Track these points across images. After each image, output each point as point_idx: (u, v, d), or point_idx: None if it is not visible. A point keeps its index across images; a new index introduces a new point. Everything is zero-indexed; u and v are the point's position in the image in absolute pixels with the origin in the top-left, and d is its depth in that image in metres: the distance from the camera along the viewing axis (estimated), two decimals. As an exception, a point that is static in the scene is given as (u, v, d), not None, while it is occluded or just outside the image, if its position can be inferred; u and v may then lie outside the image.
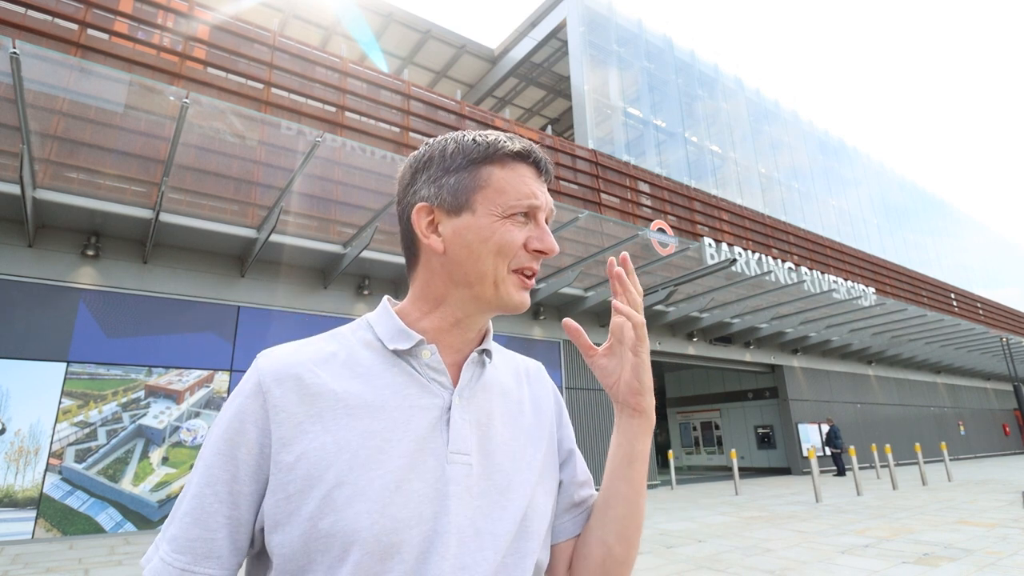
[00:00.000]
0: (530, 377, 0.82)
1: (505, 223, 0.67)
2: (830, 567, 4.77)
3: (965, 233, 32.26)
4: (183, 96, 6.21)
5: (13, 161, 6.61)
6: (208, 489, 0.59)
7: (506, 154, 0.69)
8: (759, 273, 13.57)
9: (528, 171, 0.70)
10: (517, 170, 0.69)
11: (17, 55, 5.04)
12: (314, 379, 0.63)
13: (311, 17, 15.96)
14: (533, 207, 0.68)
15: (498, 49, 18.13)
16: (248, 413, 0.61)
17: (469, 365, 0.70)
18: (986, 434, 25.12)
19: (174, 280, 8.03)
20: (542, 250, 0.68)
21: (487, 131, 0.72)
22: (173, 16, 9.01)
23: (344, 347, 0.68)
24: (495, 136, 0.70)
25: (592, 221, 12.27)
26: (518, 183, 0.68)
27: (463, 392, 0.68)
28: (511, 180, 0.68)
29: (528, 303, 0.69)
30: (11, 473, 6.49)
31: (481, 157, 0.69)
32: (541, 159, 0.71)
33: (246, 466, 0.60)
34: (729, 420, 19.55)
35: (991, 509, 7.93)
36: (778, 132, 21.07)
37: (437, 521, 0.59)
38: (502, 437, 0.69)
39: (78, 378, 7.09)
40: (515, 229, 0.67)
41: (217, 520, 0.59)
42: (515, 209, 0.67)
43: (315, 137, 7.05)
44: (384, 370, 0.66)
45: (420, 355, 0.67)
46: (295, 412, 0.61)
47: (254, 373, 0.64)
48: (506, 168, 0.69)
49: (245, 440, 0.60)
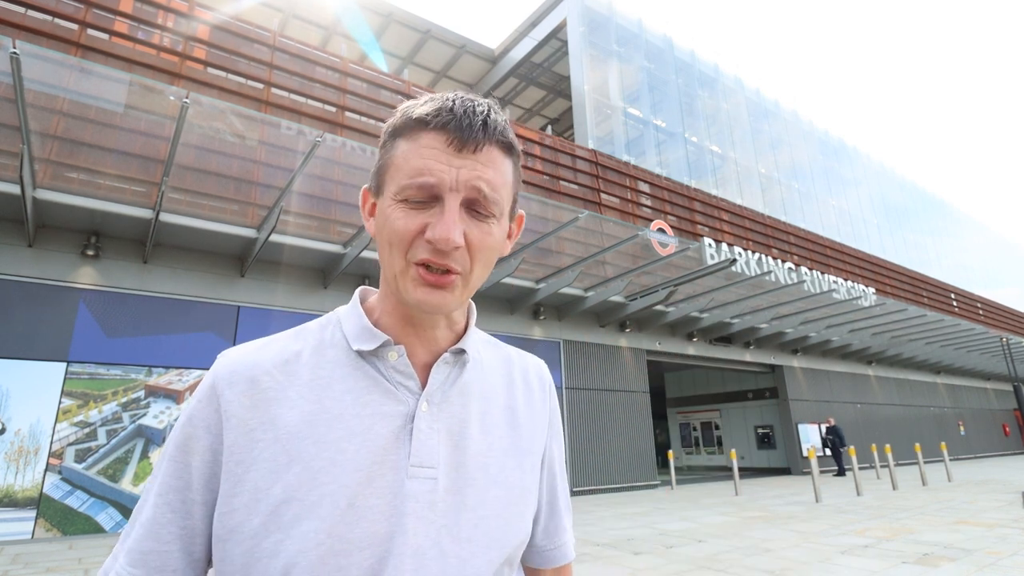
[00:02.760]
0: (527, 378, 0.73)
1: (397, 207, 0.57)
2: (830, 567, 4.77)
3: (965, 233, 32.26)
4: (183, 96, 6.20)
5: (13, 161, 6.61)
6: (161, 499, 0.56)
7: (408, 122, 0.58)
8: (759, 273, 13.57)
9: (432, 139, 0.56)
10: (419, 140, 0.57)
11: (17, 55, 5.04)
12: (270, 383, 0.58)
13: (311, 17, 15.96)
14: (426, 186, 0.55)
15: (498, 49, 18.13)
16: (201, 418, 0.57)
17: (441, 366, 0.62)
18: (986, 434, 25.12)
19: (174, 280, 8.03)
20: (431, 240, 0.55)
21: (425, 96, 0.60)
22: (173, 16, 9.00)
23: (309, 346, 0.62)
24: (410, 102, 0.60)
25: (592, 221, 12.28)
26: (413, 157, 0.56)
27: (433, 397, 0.60)
28: (408, 154, 0.57)
29: (435, 303, 0.57)
30: (11, 473, 6.49)
31: (392, 130, 0.59)
32: (450, 120, 0.56)
33: (199, 474, 0.56)
34: (729, 420, 19.55)
35: (991, 509, 7.93)
36: (778, 132, 21.07)
37: (392, 542, 0.53)
38: (478, 448, 0.62)
39: (78, 378, 7.09)
40: (407, 214, 0.56)
41: (170, 531, 0.55)
42: (406, 191, 0.56)
43: (315, 137, 7.05)
44: (347, 373, 0.59)
45: (386, 357, 0.60)
46: (247, 418, 0.56)
47: (210, 376, 0.60)
48: (410, 139, 0.58)
49: (198, 447, 0.56)
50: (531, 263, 10.97)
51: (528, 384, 0.72)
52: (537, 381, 0.74)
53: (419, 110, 0.58)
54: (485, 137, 0.57)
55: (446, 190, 0.55)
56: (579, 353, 12.17)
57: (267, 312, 8.67)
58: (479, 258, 0.58)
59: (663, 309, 12.89)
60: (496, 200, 0.58)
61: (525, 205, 11.49)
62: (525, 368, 0.74)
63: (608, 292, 11.38)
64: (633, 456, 12.32)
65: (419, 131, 0.57)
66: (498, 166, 0.59)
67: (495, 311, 11.22)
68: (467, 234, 0.56)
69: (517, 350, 0.76)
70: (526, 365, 0.74)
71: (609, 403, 12.30)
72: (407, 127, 0.58)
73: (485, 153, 0.57)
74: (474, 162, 0.56)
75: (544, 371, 0.76)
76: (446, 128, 0.56)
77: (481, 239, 0.57)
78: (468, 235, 0.57)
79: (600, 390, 12.24)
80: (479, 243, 0.57)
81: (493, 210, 0.58)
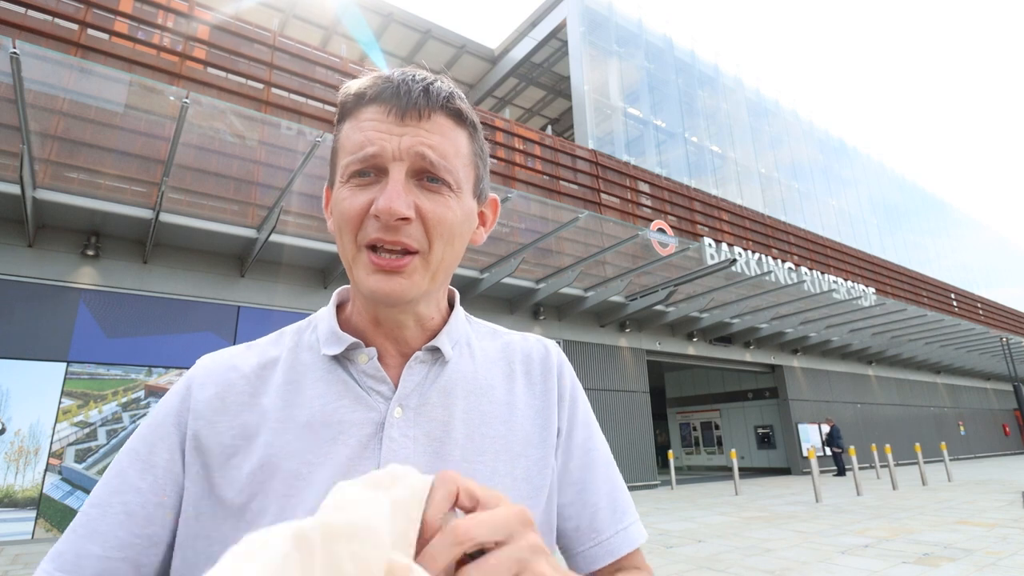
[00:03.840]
0: (529, 365, 0.65)
1: (344, 188, 0.53)
2: (830, 567, 4.77)
3: (965, 233, 32.26)
4: (183, 96, 6.20)
5: (13, 161, 6.61)
6: (116, 498, 0.51)
7: (348, 99, 0.55)
8: (759, 273, 13.57)
9: (373, 111, 0.53)
10: (359, 116, 0.54)
11: (17, 55, 5.04)
12: (244, 387, 0.56)
13: (311, 17, 15.96)
14: (369, 157, 0.52)
15: (498, 49, 18.14)
16: (171, 416, 0.55)
17: (414, 366, 0.57)
18: (986, 434, 25.12)
19: (174, 280, 8.03)
20: (376, 214, 0.51)
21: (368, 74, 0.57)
22: (173, 16, 9.00)
23: (285, 351, 0.59)
24: (347, 83, 0.57)
25: (592, 221, 12.28)
26: (354, 133, 0.54)
27: (408, 401, 0.55)
28: (350, 132, 0.54)
29: (390, 291, 0.52)
30: (11, 473, 6.49)
31: (338, 114, 0.57)
32: (387, 88, 0.53)
33: (164, 471, 0.52)
34: (729, 420, 19.55)
35: (991, 509, 7.93)
36: (778, 131, 21.07)
37: None
38: (463, 452, 0.55)
39: (78, 378, 7.09)
40: (353, 193, 0.53)
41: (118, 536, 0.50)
42: (351, 167, 0.53)
43: (315, 137, 7.05)
44: (319, 378, 0.56)
45: (357, 360, 0.57)
46: (216, 421, 0.53)
47: (185, 377, 0.58)
48: (352, 117, 0.55)
49: (167, 445, 0.53)
50: (531, 263, 10.97)
51: (529, 371, 0.65)
52: (539, 365, 0.65)
53: (356, 87, 0.55)
54: (428, 104, 0.53)
55: (389, 160, 0.52)
56: (579, 353, 12.17)
57: (267, 312, 8.66)
58: (437, 233, 0.53)
59: (663, 309, 12.89)
60: (448, 168, 0.54)
61: (525, 205, 11.50)
62: (527, 353, 0.66)
63: (608, 292, 11.38)
64: (633, 456, 12.32)
65: (359, 107, 0.54)
66: (447, 134, 0.54)
67: (495, 311, 11.23)
68: (419, 206, 0.52)
69: (522, 335, 0.69)
70: (528, 349, 0.67)
71: (609, 403, 12.30)
72: (348, 105, 0.55)
73: (431, 121, 0.54)
74: (417, 128, 0.53)
75: (546, 351, 0.67)
76: (384, 98, 0.53)
77: (434, 210, 0.53)
78: (420, 207, 0.52)
79: (600, 390, 12.24)
80: (433, 215, 0.53)
81: (447, 178, 0.54)
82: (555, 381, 0.65)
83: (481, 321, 0.69)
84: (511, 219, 11.26)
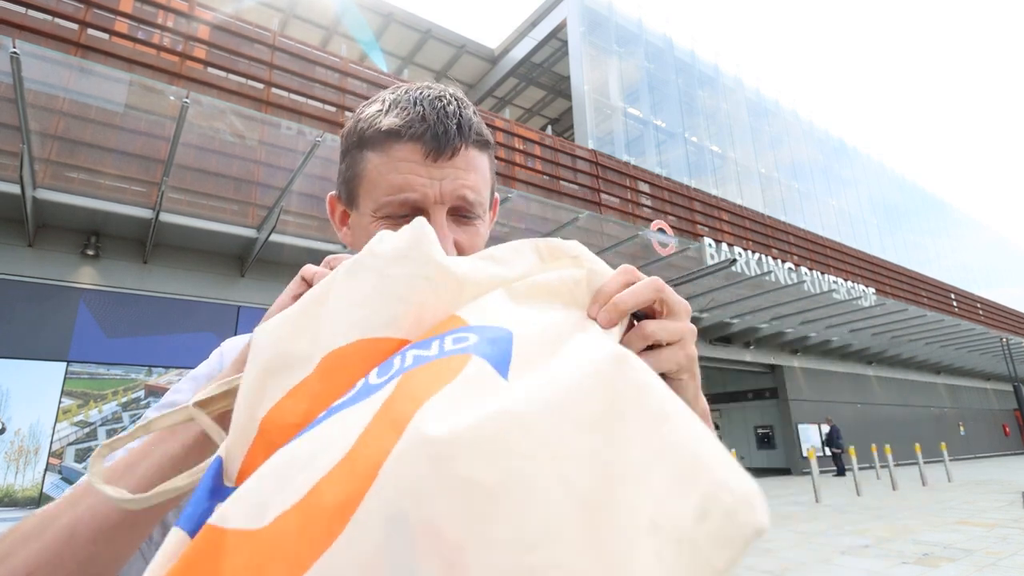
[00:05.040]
0: None
1: (379, 224, 0.53)
2: (830, 567, 4.77)
3: (965, 233, 32.26)
4: (183, 96, 6.21)
5: (13, 161, 6.60)
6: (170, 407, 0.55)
7: (376, 134, 0.54)
8: (759, 273, 13.58)
9: (407, 151, 0.52)
10: (391, 153, 0.53)
11: (17, 55, 5.04)
12: None
13: (311, 17, 15.96)
14: (408, 202, 0.52)
15: (498, 49, 18.13)
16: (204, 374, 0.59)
17: None
18: (986, 434, 25.12)
19: (174, 280, 8.03)
20: None
21: (383, 95, 0.56)
22: (173, 16, 9.00)
23: None
24: (371, 110, 0.55)
25: (592, 221, 12.27)
26: (389, 172, 0.53)
27: None
28: (383, 169, 0.53)
29: None
30: (11, 473, 6.49)
31: (358, 139, 0.55)
32: (424, 131, 0.52)
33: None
34: (729, 420, 19.55)
35: (991, 509, 7.93)
36: (778, 131, 21.07)
37: None
38: None
39: (78, 378, 7.09)
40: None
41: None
42: (386, 208, 0.53)
43: (315, 137, 7.05)
44: None
45: None
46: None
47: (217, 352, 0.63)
48: (381, 152, 0.53)
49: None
50: (531, 263, 10.96)
51: None
52: None
53: (387, 121, 0.53)
54: (462, 140, 0.53)
55: (431, 204, 0.52)
56: (579, 353, 12.15)
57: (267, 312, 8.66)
58: None
59: (663, 309, 12.87)
60: (481, 202, 0.56)
61: (525, 205, 11.50)
62: None
63: (608, 292, 11.36)
64: (633, 456, 12.30)
65: (390, 143, 0.52)
66: (478, 167, 0.55)
67: (495, 311, 11.22)
68: (457, 242, 0.54)
69: None
70: None
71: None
72: (376, 139, 0.53)
73: (463, 157, 0.54)
74: (454, 170, 0.53)
75: None
76: (422, 139, 0.52)
77: (471, 242, 0.55)
78: (458, 242, 0.54)
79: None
80: (470, 247, 0.55)
81: (479, 211, 0.56)
82: None
83: None
84: (511, 219, 11.25)
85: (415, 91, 0.55)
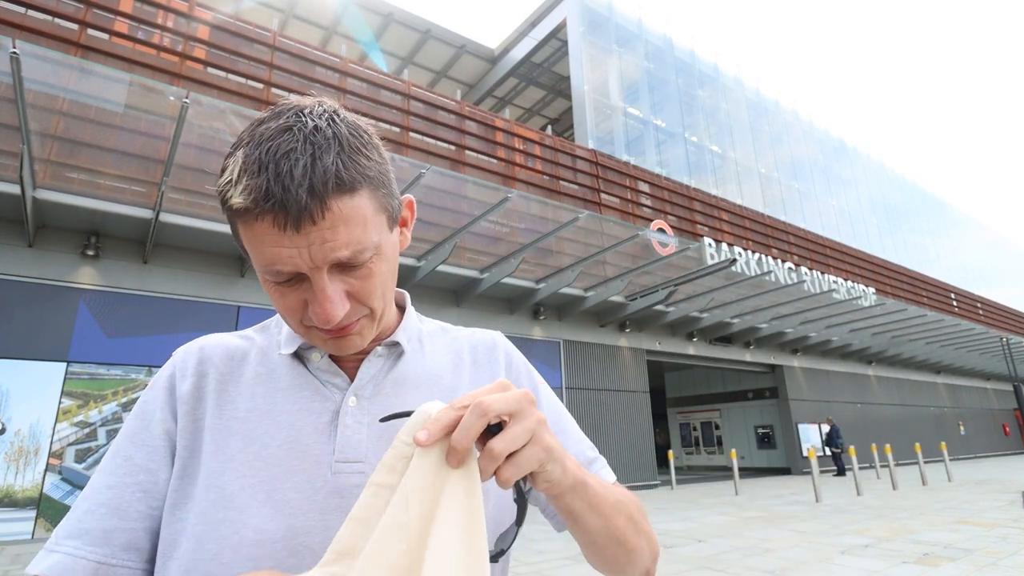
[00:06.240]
0: (476, 355, 0.70)
1: (270, 286, 0.54)
2: (830, 567, 4.77)
3: (965, 233, 32.25)
4: (183, 96, 6.20)
5: (13, 161, 6.61)
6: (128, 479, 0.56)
7: (232, 213, 0.51)
8: (759, 273, 13.57)
9: (264, 227, 0.49)
10: (252, 228, 0.50)
11: (17, 55, 5.04)
12: (216, 377, 0.61)
13: (311, 17, 15.96)
14: (284, 273, 0.51)
15: (498, 49, 18.13)
16: (158, 401, 0.60)
17: (372, 360, 0.62)
18: (986, 434, 25.12)
19: (174, 280, 8.03)
20: (315, 325, 0.54)
21: (237, 151, 0.51)
22: (173, 16, 9.00)
23: (259, 345, 0.65)
24: (223, 179, 0.51)
25: (592, 221, 12.26)
26: (256, 246, 0.51)
27: (363, 391, 0.60)
28: (251, 243, 0.51)
29: (348, 347, 0.58)
30: (11, 473, 6.49)
31: (224, 209, 0.53)
32: (271, 206, 0.47)
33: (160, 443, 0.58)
34: (729, 420, 19.55)
35: (991, 509, 7.93)
36: (778, 131, 21.07)
37: (309, 537, 0.52)
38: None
39: (78, 378, 7.09)
40: (283, 295, 0.54)
41: (139, 510, 0.55)
42: (269, 276, 0.53)
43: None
44: (284, 372, 0.61)
45: (311, 358, 0.62)
46: (194, 406, 0.59)
47: (168, 365, 0.64)
48: (244, 225, 0.51)
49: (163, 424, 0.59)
50: (531, 263, 10.97)
51: (476, 359, 0.70)
52: (484, 353, 0.71)
53: (236, 199, 0.48)
54: (317, 202, 0.48)
55: (306, 270, 0.51)
56: (579, 353, 12.17)
57: (267, 312, 8.66)
58: (373, 297, 0.56)
59: (663, 309, 12.89)
60: (363, 249, 0.52)
61: (525, 205, 11.50)
62: (474, 345, 0.72)
63: (608, 292, 11.37)
64: (633, 456, 12.32)
65: (247, 219, 0.49)
66: (349, 218, 0.50)
67: (495, 311, 11.22)
68: (349, 292, 0.54)
69: (471, 330, 0.75)
70: (475, 342, 0.72)
71: (609, 403, 12.30)
72: (235, 213, 0.50)
73: (330, 215, 0.49)
74: (320, 232, 0.49)
75: (493, 341, 0.73)
76: (272, 214, 0.48)
77: (364, 286, 0.54)
78: (351, 291, 0.54)
79: (600, 390, 12.24)
80: (364, 290, 0.55)
81: (364, 258, 0.53)
82: (501, 361, 0.71)
83: (432, 320, 0.75)
84: (511, 219, 11.26)
85: (266, 144, 0.49)
